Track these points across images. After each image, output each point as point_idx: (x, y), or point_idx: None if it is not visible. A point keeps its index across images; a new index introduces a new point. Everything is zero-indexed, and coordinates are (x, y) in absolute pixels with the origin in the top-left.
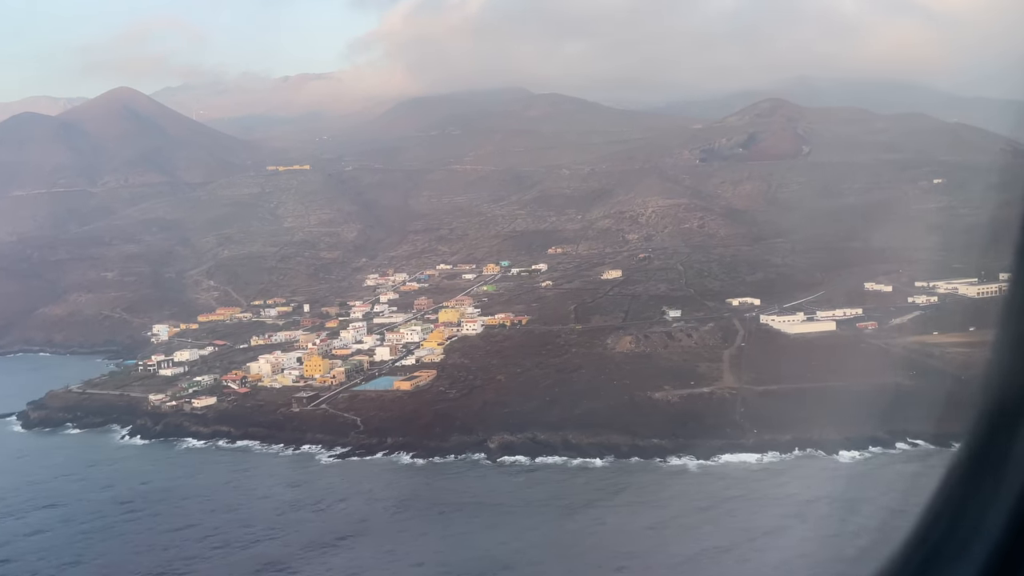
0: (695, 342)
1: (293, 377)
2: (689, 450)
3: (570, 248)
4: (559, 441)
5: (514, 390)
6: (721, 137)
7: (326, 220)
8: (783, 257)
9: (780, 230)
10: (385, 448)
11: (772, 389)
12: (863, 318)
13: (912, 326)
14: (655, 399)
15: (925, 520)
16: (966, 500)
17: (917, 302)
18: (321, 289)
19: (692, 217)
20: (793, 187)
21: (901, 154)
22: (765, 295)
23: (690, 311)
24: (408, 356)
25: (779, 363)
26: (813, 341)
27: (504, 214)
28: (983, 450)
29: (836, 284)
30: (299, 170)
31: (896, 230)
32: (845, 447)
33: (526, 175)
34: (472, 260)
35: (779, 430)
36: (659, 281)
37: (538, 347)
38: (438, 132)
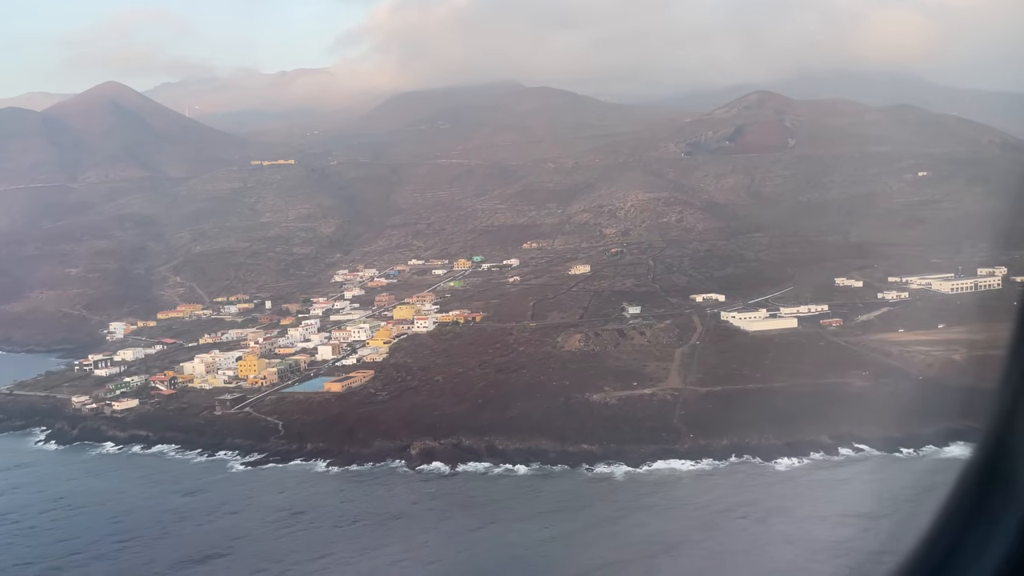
0: (648, 340)
1: (226, 378)
2: (620, 456)
3: (546, 243)
4: (484, 447)
5: (449, 392)
6: (707, 130)
7: (304, 215)
8: (757, 252)
9: (759, 224)
10: (303, 454)
11: (717, 390)
12: (828, 315)
13: (878, 323)
14: (592, 401)
15: (938, 523)
16: (979, 504)
17: (887, 298)
18: (289, 285)
19: (671, 211)
20: (777, 180)
21: (888, 146)
22: (732, 291)
23: (651, 308)
24: (351, 355)
25: (731, 362)
26: (771, 339)
27: (485, 208)
28: (997, 453)
29: (806, 279)
30: (283, 165)
31: (877, 224)
32: (785, 453)
33: (512, 169)
34: (446, 255)
35: (717, 435)
36: (626, 277)
37: (486, 345)
38: (427, 126)
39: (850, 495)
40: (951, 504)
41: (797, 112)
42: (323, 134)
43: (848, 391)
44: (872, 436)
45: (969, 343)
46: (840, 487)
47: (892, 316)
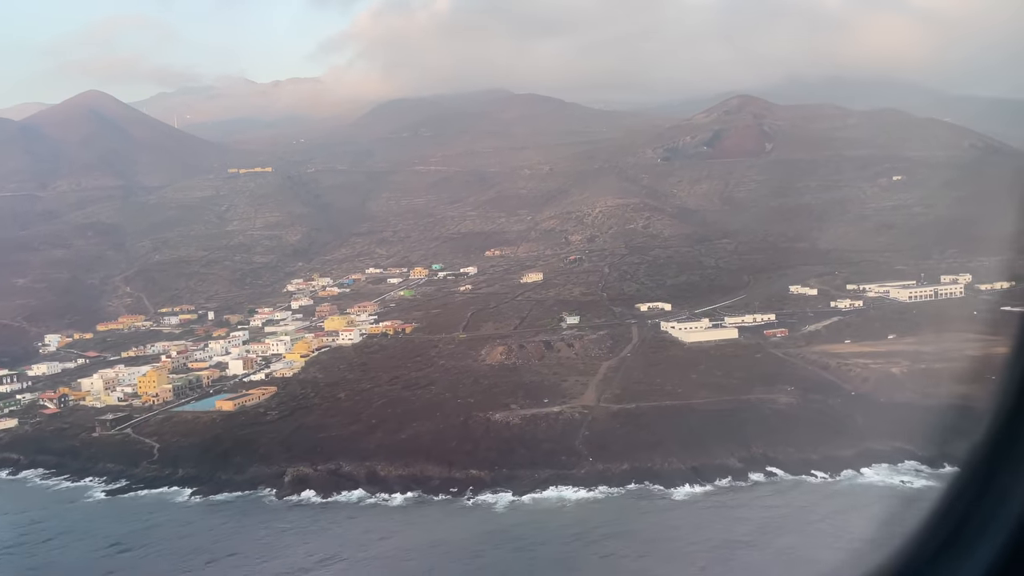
0: (576, 352)
1: (121, 395)
2: (509, 483)
3: (510, 250)
4: (364, 474)
5: (345, 411)
6: (686, 136)
7: (272, 223)
8: (718, 259)
9: (728, 230)
10: (171, 481)
11: (630, 408)
12: (774, 324)
13: (825, 334)
14: (493, 421)
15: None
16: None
17: (840, 307)
18: (242, 295)
19: (639, 217)
20: (751, 185)
21: (866, 150)
22: (683, 299)
23: (592, 317)
24: (262, 370)
25: (655, 377)
26: (707, 351)
27: (455, 215)
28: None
29: (761, 287)
30: (260, 172)
31: (846, 230)
32: (688, 479)
33: (489, 176)
34: (406, 263)
35: (619, 459)
36: (577, 285)
37: (406, 359)
38: (410, 134)
39: (733, 526)
40: (944, 506)
41: (778, 116)
42: (309, 142)
43: (771, 408)
44: (788, 459)
45: (914, 355)
46: (730, 516)
47: (841, 326)
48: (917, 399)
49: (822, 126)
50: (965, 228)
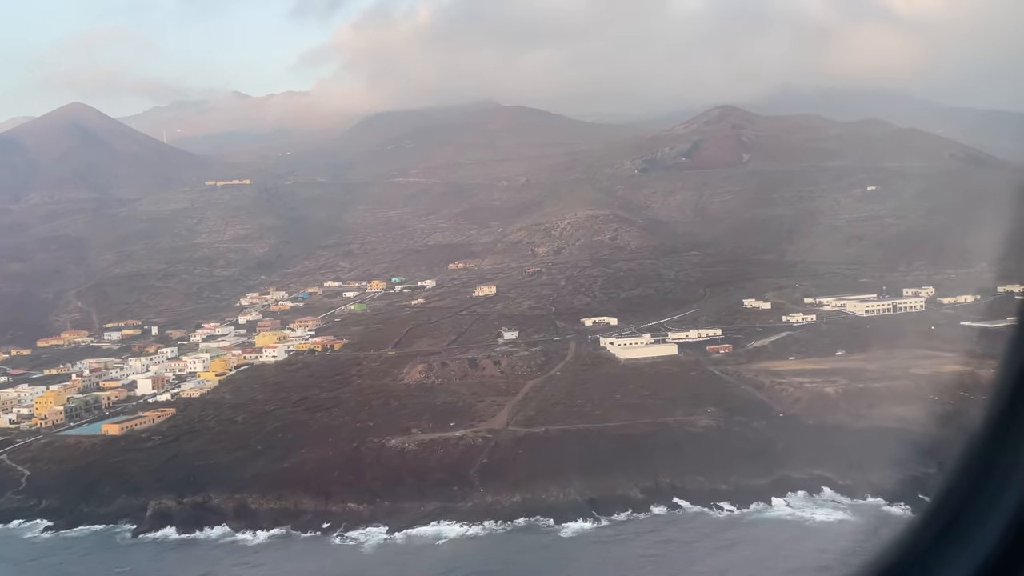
0: (502, 370)
1: (13, 417)
2: (388, 518)
3: (475, 263)
4: (232, 507)
5: (234, 435)
6: (664, 147)
7: (241, 235)
8: (678, 272)
9: (697, 242)
10: (33, 513)
11: (538, 432)
12: (720, 340)
13: (771, 350)
14: (388, 447)
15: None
16: (984, 476)
17: (791, 321)
18: (195, 309)
19: (607, 229)
20: (725, 196)
21: (843, 161)
22: (633, 313)
23: (533, 332)
24: (171, 390)
25: (578, 397)
26: (641, 368)
27: (426, 227)
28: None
29: (716, 301)
30: (237, 185)
31: (816, 241)
32: (583, 513)
33: (467, 188)
34: (367, 276)
35: (513, 489)
36: (528, 298)
37: (323, 378)
38: (395, 146)
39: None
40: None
41: (758, 127)
42: (295, 155)
43: (689, 432)
44: (696, 488)
45: (856, 373)
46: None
47: (789, 342)
48: (848, 421)
49: (802, 137)
50: (935, 240)
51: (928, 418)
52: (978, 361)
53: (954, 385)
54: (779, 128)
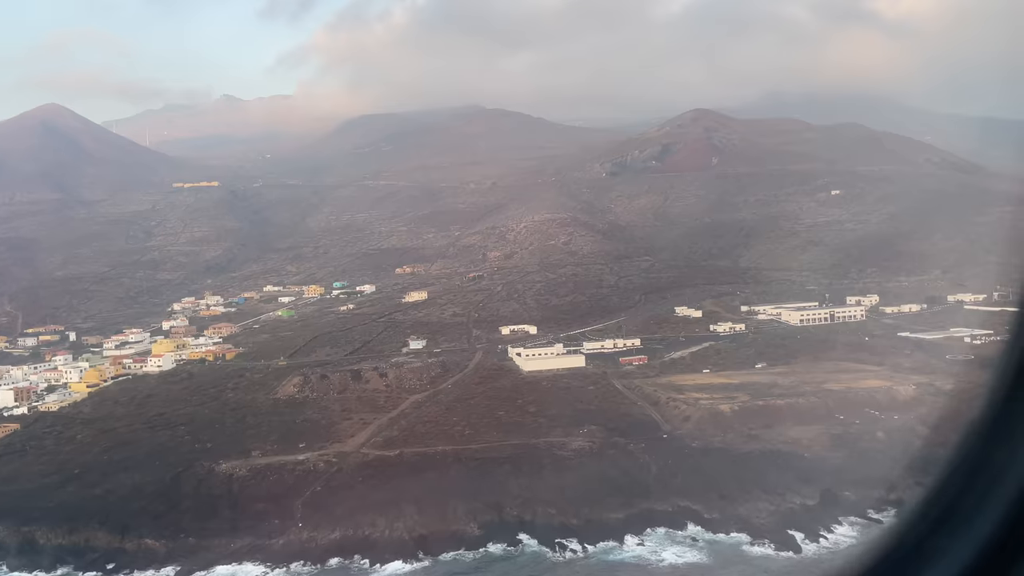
0: (388, 383)
1: None
2: (187, 557)
3: (423, 267)
4: (16, 542)
5: (58, 458)
6: (635, 150)
7: (197, 238)
8: (622, 277)
9: (653, 247)
10: None
11: (391, 456)
12: (637, 351)
13: (688, 362)
14: (216, 472)
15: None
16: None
17: (719, 331)
18: (126, 314)
19: (562, 233)
20: (689, 200)
21: (813, 164)
22: (558, 321)
23: (444, 341)
24: (33, 402)
25: (455, 414)
26: (539, 381)
27: (385, 231)
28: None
29: (649, 308)
30: (205, 187)
31: (772, 247)
32: (408, 553)
33: (437, 191)
34: (312, 280)
35: (336, 524)
36: (456, 305)
37: (197, 391)
38: (372, 149)
39: None
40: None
41: (732, 130)
42: (275, 157)
43: (558, 454)
44: (545, 523)
45: (765, 388)
46: None
47: (710, 353)
48: (735, 443)
49: (776, 140)
50: (891, 246)
51: (822, 440)
52: (901, 376)
53: (864, 402)
54: (754, 131)
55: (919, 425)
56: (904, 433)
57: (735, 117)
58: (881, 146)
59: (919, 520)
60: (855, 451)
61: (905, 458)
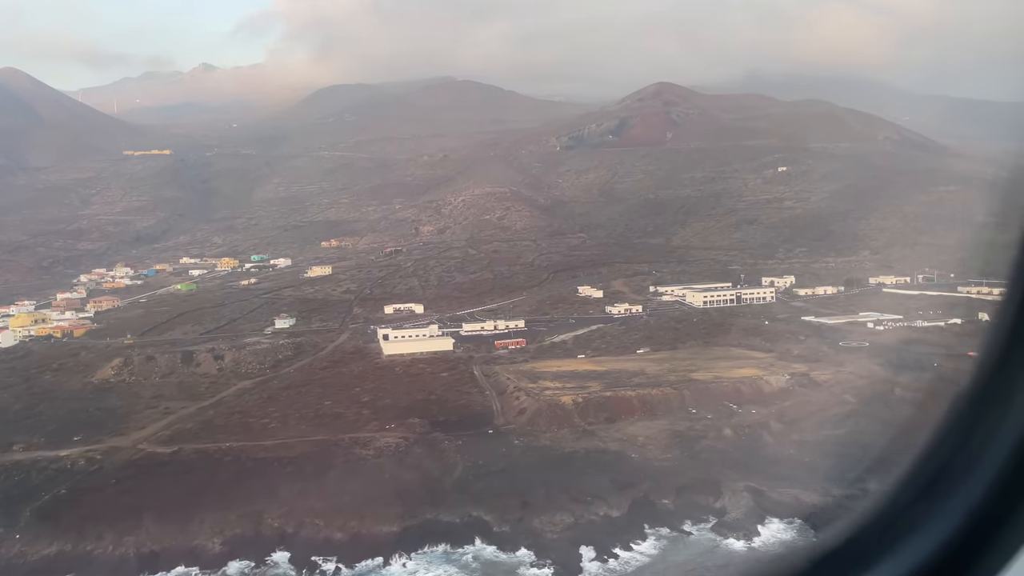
0: (223, 366)
1: None
2: None
3: (351, 241)
4: None
5: None
6: (592, 123)
7: (135, 207)
8: (541, 255)
9: (590, 223)
10: None
11: (165, 453)
12: (519, 333)
13: (568, 346)
14: None
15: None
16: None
17: (613, 313)
18: (34, 285)
19: (499, 208)
20: (637, 176)
21: (766, 140)
22: (454, 300)
23: (318, 320)
24: None
25: (273, 404)
26: (394, 367)
27: (327, 203)
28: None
29: (553, 287)
30: (156, 155)
31: (708, 225)
32: (130, 574)
33: (393, 163)
34: (235, 253)
35: (56, 538)
36: (353, 281)
37: (21, 371)
38: (335, 119)
39: None
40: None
41: (693, 105)
42: (241, 126)
43: (357, 455)
44: (306, 538)
45: (628, 376)
46: None
47: (595, 337)
48: (566, 440)
49: (736, 116)
50: (825, 225)
51: (660, 438)
52: (783, 364)
53: (726, 394)
54: (716, 107)
55: (774, 421)
56: (754, 430)
57: (701, 92)
58: (841, 123)
59: (910, 482)
60: (692, 451)
61: (744, 459)
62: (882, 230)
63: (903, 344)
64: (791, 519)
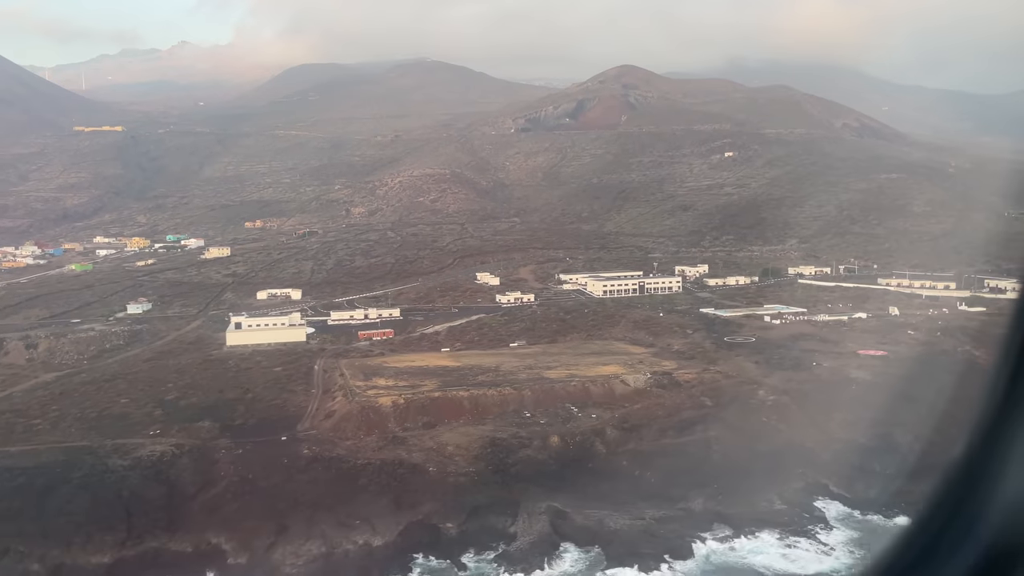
0: (32, 356)
1: None
2: None
3: (278, 221)
4: None
5: None
6: (549, 106)
7: (69, 184)
8: (457, 240)
9: (526, 208)
10: None
11: None
12: (392, 323)
13: (440, 338)
14: None
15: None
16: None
17: (503, 302)
18: None
19: (435, 190)
20: (585, 159)
21: (720, 125)
22: (340, 285)
23: (178, 304)
24: None
25: (57, 403)
26: (226, 360)
27: (267, 182)
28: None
29: (453, 273)
30: (107, 131)
31: (643, 211)
32: None
33: (348, 143)
34: (156, 232)
35: None
36: (245, 264)
37: None
38: (299, 98)
39: None
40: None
41: (655, 89)
42: (209, 104)
43: (99, 468)
44: (10, 570)
45: (472, 374)
46: None
47: (470, 328)
48: (365, 451)
49: (696, 100)
50: (757, 212)
51: (472, 448)
52: (655, 360)
53: (573, 395)
54: (678, 91)
55: (612, 427)
56: (586, 437)
57: (669, 77)
58: (800, 109)
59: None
60: (504, 463)
61: (560, 473)
62: (815, 218)
63: (791, 340)
64: (588, 547)
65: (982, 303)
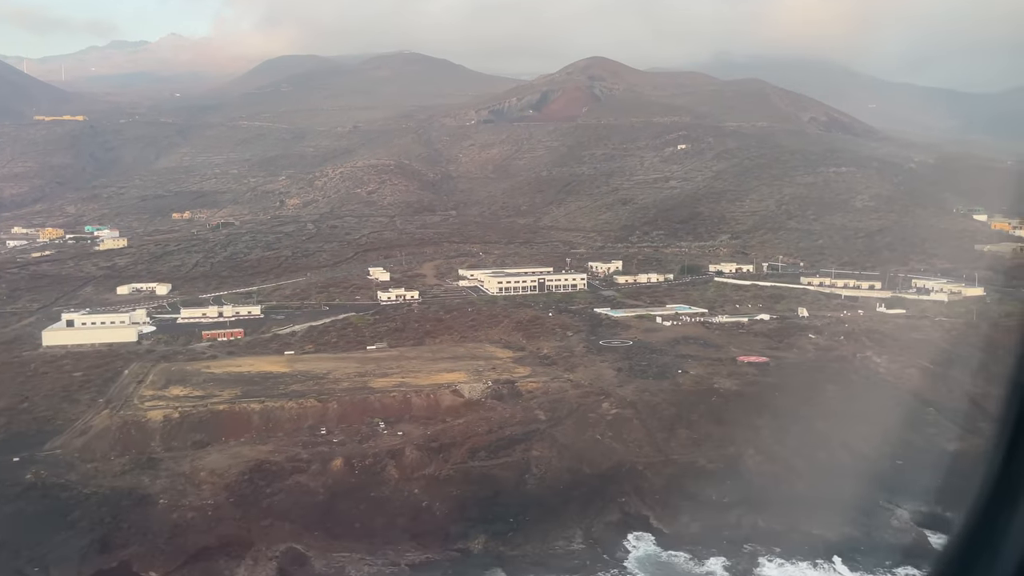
0: None
1: None
2: None
3: (207, 213)
4: None
5: None
6: (513, 97)
7: (14, 174)
8: (375, 233)
9: (467, 201)
10: None
11: None
12: (249, 321)
13: (294, 339)
14: None
15: None
16: None
17: (382, 299)
18: None
19: (374, 181)
20: (538, 152)
21: (679, 118)
22: (218, 279)
23: (28, 300)
24: None
25: None
26: (29, 362)
27: (215, 173)
28: None
29: (340, 269)
30: (67, 121)
31: (581, 206)
32: None
33: (306, 133)
34: (81, 222)
35: None
36: (131, 256)
37: None
38: (272, 89)
39: None
40: None
41: (622, 81)
42: (184, 96)
43: None
44: None
45: (290, 380)
46: None
47: (331, 328)
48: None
49: (664, 93)
50: (694, 207)
51: (232, 472)
52: (516, 367)
53: (390, 408)
54: (646, 83)
55: (413, 448)
56: (378, 460)
57: (628, 67)
58: (767, 103)
59: None
60: (259, 494)
61: (326, 505)
62: (752, 213)
63: (670, 344)
64: None
65: (903, 305)
